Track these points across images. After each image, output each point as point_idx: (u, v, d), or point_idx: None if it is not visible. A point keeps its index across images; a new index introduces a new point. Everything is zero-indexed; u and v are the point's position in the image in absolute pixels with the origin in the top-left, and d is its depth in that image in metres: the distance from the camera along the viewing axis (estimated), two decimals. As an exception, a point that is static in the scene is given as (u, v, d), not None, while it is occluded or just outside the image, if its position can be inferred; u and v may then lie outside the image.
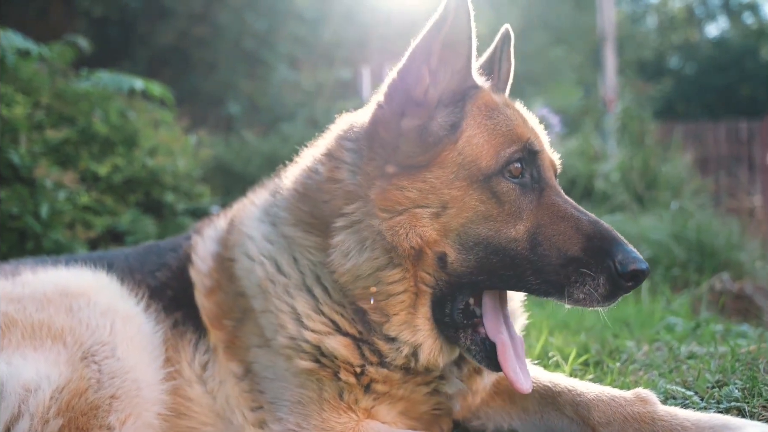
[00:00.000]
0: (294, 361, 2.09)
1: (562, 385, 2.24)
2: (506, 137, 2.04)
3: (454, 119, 2.05)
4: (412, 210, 1.98)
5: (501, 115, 2.09)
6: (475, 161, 1.99)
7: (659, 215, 6.96)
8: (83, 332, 2.13)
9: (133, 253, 2.68)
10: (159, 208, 6.28)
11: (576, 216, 1.99)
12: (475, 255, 1.97)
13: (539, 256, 1.94)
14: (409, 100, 2.07)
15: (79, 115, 5.73)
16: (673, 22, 39.77)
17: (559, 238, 1.95)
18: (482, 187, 1.98)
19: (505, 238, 1.96)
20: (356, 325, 2.08)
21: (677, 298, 5.10)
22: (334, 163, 2.16)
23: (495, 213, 1.97)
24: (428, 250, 1.98)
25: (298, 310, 2.11)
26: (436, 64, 2.06)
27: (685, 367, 2.77)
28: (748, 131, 17.41)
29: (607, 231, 1.95)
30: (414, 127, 2.04)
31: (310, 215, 2.16)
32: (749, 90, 32.24)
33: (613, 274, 1.87)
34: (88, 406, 1.98)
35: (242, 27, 14.17)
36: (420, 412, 2.17)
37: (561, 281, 1.92)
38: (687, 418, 1.93)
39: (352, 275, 2.03)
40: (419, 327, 2.03)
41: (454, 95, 2.09)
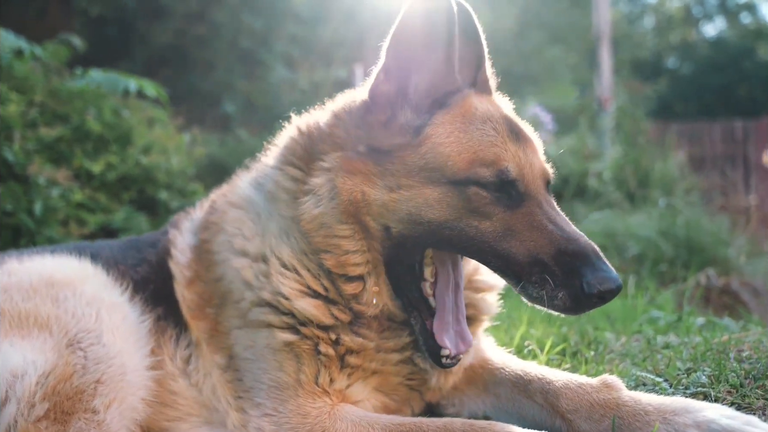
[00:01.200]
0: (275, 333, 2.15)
1: (533, 374, 2.30)
2: (478, 157, 2.04)
3: (418, 123, 2.10)
4: (369, 176, 2.09)
5: (478, 131, 2.08)
6: (440, 168, 2.04)
7: (648, 212, 7.03)
8: (69, 320, 2.17)
9: (115, 245, 2.72)
10: (153, 206, 6.34)
11: (550, 229, 1.99)
12: (424, 230, 2.05)
13: (505, 249, 1.99)
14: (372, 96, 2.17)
15: (73, 113, 5.80)
16: (670, 21, 39.82)
17: (531, 243, 1.98)
18: (446, 186, 2.03)
19: (466, 224, 2.02)
20: (327, 282, 2.17)
21: (663, 293, 5.17)
22: (337, 121, 2.25)
23: (459, 205, 2.02)
24: (370, 220, 2.09)
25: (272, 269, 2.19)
26: (395, 62, 2.11)
27: (659, 357, 2.83)
28: (743, 131, 17.45)
29: (581, 248, 1.94)
30: (379, 121, 2.14)
31: (303, 149, 2.26)
32: (747, 90, 32.32)
33: (578, 292, 1.90)
34: (73, 391, 2.03)
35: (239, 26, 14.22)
36: (393, 384, 2.24)
37: (521, 274, 1.97)
38: (650, 402, 1.99)
39: (318, 223, 2.13)
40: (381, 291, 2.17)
41: (425, 97, 2.13)
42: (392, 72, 2.12)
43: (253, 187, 2.41)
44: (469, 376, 2.45)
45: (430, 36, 2.07)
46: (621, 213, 7.30)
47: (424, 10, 2.04)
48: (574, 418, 2.10)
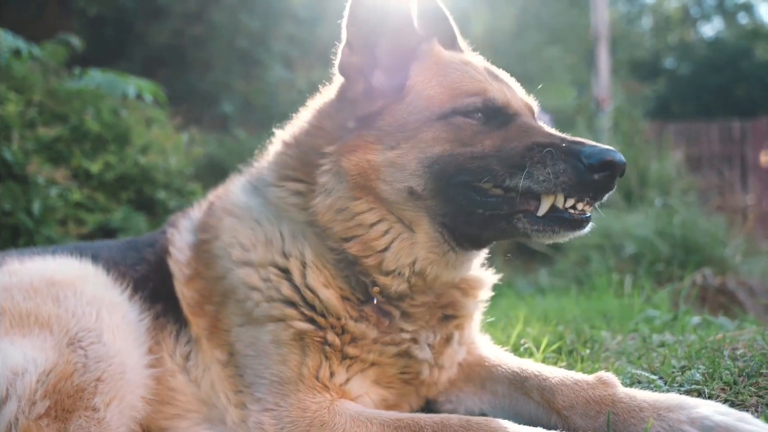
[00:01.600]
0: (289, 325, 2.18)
1: (530, 371, 2.33)
2: (462, 90, 2.17)
3: (400, 81, 2.23)
4: (369, 146, 2.16)
5: (457, 72, 2.23)
6: (428, 107, 2.16)
7: (645, 212, 7.05)
8: (70, 319, 2.19)
9: (115, 246, 2.76)
10: (151, 206, 6.35)
11: (546, 131, 2.11)
12: (439, 168, 2.10)
13: (506, 151, 2.06)
14: (341, 73, 2.30)
15: (72, 113, 5.81)
16: (668, 22, 39.88)
17: (527, 136, 2.07)
18: (439, 122, 2.14)
19: (469, 148, 2.10)
20: (339, 282, 2.22)
21: (659, 292, 5.19)
22: (321, 115, 2.36)
23: (456, 137, 2.11)
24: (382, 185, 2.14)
25: (291, 266, 2.24)
26: (356, 35, 2.25)
27: (655, 355, 2.85)
28: (740, 131, 17.51)
29: (576, 139, 2.04)
30: (358, 93, 2.25)
31: (297, 160, 2.32)
32: (744, 90, 32.35)
33: (578, 166, 1.95)
34: (74, 389, 2.05)
35: (237, 26, 14.21)
36: (390, 376, 2.28)
37: (523, 163, 2.01)
38: (645, 399, 2.02)
39: (333, 212, 2.19)
40: (417, 242, 2.18)
41: (395, 56, 2.26)
42: (355, 43, 2.26)
43: (249, 192, 2.45)
44: (465, 373, 2.48)
45: (383, 3, 2.22)
46: (618, 213, 7.32)
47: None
48: (570, 414, 2.13)
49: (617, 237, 6.49)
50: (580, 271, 6.45)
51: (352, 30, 2.25)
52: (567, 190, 1.98)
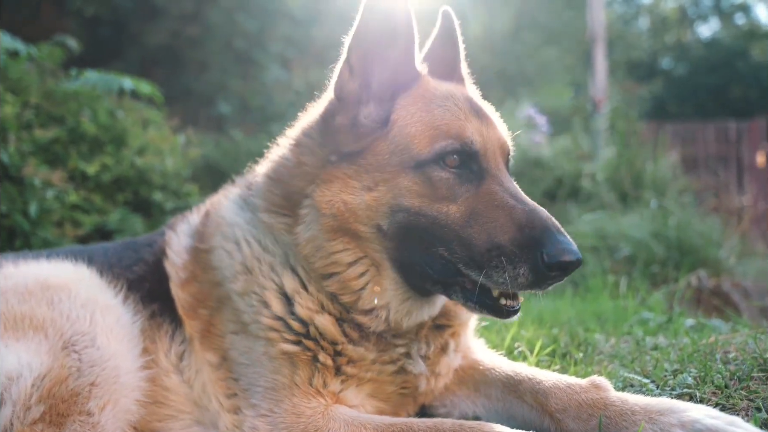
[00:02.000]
0: (276, 344, 2.19)
1: (523, 374, 2.35)
2: (442, 130, 2.12)
3: (385, 114, 2.17)
4: (345, 180, 2.13)
5: (439, 108, 2.18)
6: (408, 150, 2.11)
7: (641, 214, 7.07)
8: (64, 323, 2.20)
9: (111, 248, 2.77)
10: (147, 207, 6.35)
11: (512, 205, 2.05)
12: (405, 217, 2.09)
13: (468, 235, 2.03)
14: (335, 99, 2.23)
15: (68, 115, 5.81)
16: (665, 22, 39.93)
17: (492, 225, 2.02)
18: (415, 172, 2.09)
19: (437, 210, 2.07)
20: (336, 305, 2.21)
21: (654, 294, 5.21)
22: (300, 149, 2.30)
23: (428, 193, 2.08)
24: (359, 225, 2.11)
25: (287, 287, 2.23)
26: (358, 61, 2.18)
27: (648, 358, 2.87)
28: (736, 131, 17.55)
29: (541, 221, 2.00)
30: (345, 122, 2.18)
31: (281, 197, 2.29)
32: (741, 90, 32.42)
33: (538, 265, 1.93)
34: (68, 393, 2.06)
35: (233, 27, 14.20)
36: (387, 393, 2.29)
37: (483, 262, 2.00)
38: (636, 402, 2.04)
39: (312, 247, 2.18)
40: (386, 288, 2.18)
41: (388, 88, 2.21)
42: (356, 68, 2.19)
43: (240, 208, 2.45)
44: (460, 377, 2.49)
45: (390, 32, 2.15)
46: (613, 214, 7.34)
47: (384, 9, 2.13)
48: (562, 417, 2.15)
49: (612, 239, 6.51)
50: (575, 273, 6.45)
51: (357, 51, 2.18)
52: (522, 288, 1.99)
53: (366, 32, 2.15)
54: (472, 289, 2.06)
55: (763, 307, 4.88)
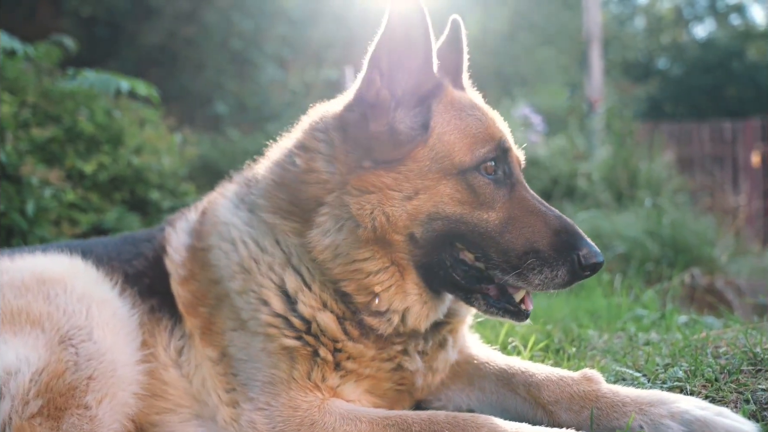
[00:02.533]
0: (276, 339, 2.20)
1: (517, 368, 2.37)
2: (479, 137, 2.18)
3: (423, 119, 2.18)
4: (385, 191, 2.12)
5: (470, 116, 2.23)
6: (449, 157, 2.14)
7: (635, 212, 7.11)
8: (60, 317, 2.21)
9: (110, 242, 2.77)
10: (144, 206, 6.37)
11: (544, 211, 2.16)
12: (443, 225, 2.13)
13: (506, 241, 2.11)
14: (366, 104, 2.19)
15: (65, 114, 5.83)
16: (660, 23, 40.02)
17: (529, 230, 2.12)
18: (457, 179, 2.13)
19: (477, 218, 2.13)
20: (339, 304, 2.22)
21: (647, 291, 5.24)
22: (310, 154, 2.27)
23: (469, 200, 2.13)
24: (395, 235, 2.12)
25: (288, 286, 2.23)
26: (387, 66, 2.17)
27: (640, 353, 2.90)
28: (731, 131, 17.62)
29: (571, 226, 2.13)
30: (382, 130, 2.16)
31: (288, 203, 2.28)
32: (736, 91, 32.50)
33: (575, 266, 2.06)
34: (66, 387, 2.07)
35: (230, 27, 14.23)
36: (384, 389, 2.31)
37: (520, 265, 2.08)
38: (627, 394, 2.07)
39: (331, 253, 2.17)
40: (408, 292, 2.19)
41: (416, 95, 2.21)
42: (386, 74, 2.18)
43: (236, 206, 2.45)
44: (455, 371, 2.51)
45: (410, 39, 2.16)
46: (608, 213, 7.37)
47: (404, 16, 2.13)
48: (555, 409, 2.17)
49: (607, 237, 6.55)
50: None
51: (386, 57, 2.17)
52: (556, 287, 2.10)
53: (393, 39, 2.15)
54: (495, 296, 2.17)
55: (755, 303, 4.91)
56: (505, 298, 2.17)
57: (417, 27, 2.14)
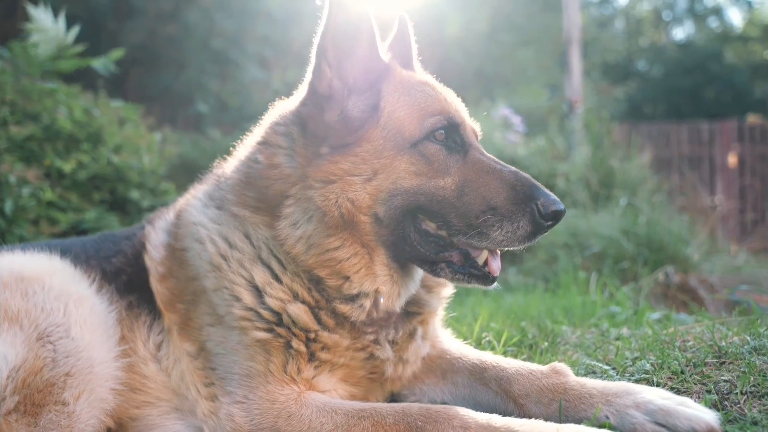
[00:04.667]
0: (249, 332, 2.25)
1: (488, 362, 2.44)
2: (427, 109, 2.29)
3: (373, 101, 2.29)
4: (345, 178, 2.21)
5: (419, 92, 2.34)
6: (400, 132, 2.24)
7: (611, 212, 7.21)
8: (38, 315, 2.23)
9: (89, 240, 2.81)
10: (124, 205, 6.34)
11: (499, 169, 2.25)
12: (403, 200, 2.21)
13: (464, 203, 2.20)
14: (319, 96, 2.29)
15: (44, 112, 5.80)
16: (640, 25, 40.42)
17: (485, 189, 2.21)
18: (410, 151, 2.23)
19: (434, 186, 2.21)
20: (312, 293, 2.28)
21: (622, 289, 5.33)
22: (271, 150, 2.37)
23: (425, 170, 2.22)
24: (361, 216, 2.21)
25: (257, 280, 2.29)
26: (334, 56, 2.27)
27: (611, 347, 2.97)
28: (709, 132, 17.86)
29: (527, 179, 2.22)
30: (336, 118, 2.26)
31: (255, 200, 2.35)
32: (714, 92, 32.92)
33: (535, 216, 2.14)
34: (43, 384, 2.11)
35: (212, 27, 14.18)
36: (358, 377, 2.37)
37: (481, 224, 2.16)
38: (594, 386, 2.13)
39: (304, 244, 2.24)
40: (378, 274, 2.28)
41: (366, 79, 2.31)
42: (334, 64, 2.28)
43: (206, 206, 2.50)
44: (428, 365, 2.56)
45: (353, 26, 2.26)
46: (585, 212, 7.46)
47: (345, 6, 2.22)
48: (525, 402, 2.24)
49: (583, 236, 6.63)
50: (547, 269, 6.58)
51: (332, 48, 2.27)
52: (520, 241, 2.17)
53: (336, 30, 2.24)
54: (459, 262, 2.25)
55: (727, 300, 5.01)
56: (468, 263, 2.25)
57: (358, 14, 2.24)
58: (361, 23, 2.26)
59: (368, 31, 2.28)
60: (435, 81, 2.52)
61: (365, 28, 2.27)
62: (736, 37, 37.90)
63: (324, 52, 2.27)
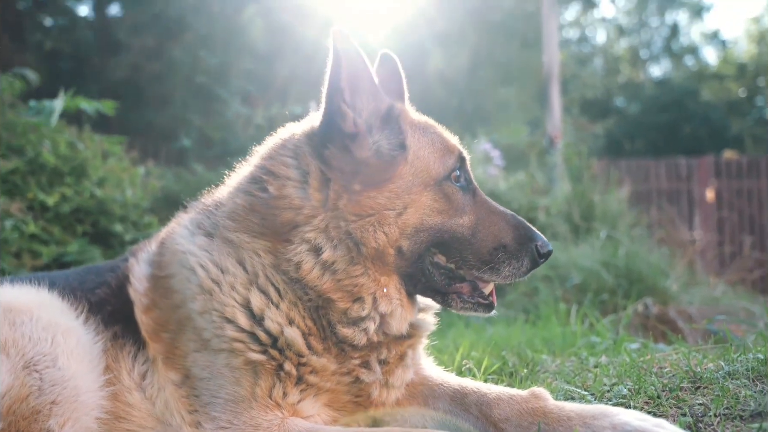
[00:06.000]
0: (241, 354, 2.27)
1: (469, 388, 2.48)
2: (444, 150, 2.45)
3: (400, 139, 2.40)
4: (383, 212, 2.31)
5: (432, 132, 2.49)
6: (426, 170, 2.37)
7: (591, 244, 7.31)
8: (26, 344, 2.25)
9: (73, 273, 2.83)
10: (107, 238, 6.36)
11: (502, 211, 2.48)
12: (428, 236, 2.35)
13: (478, 240, 2.38)
14: (345, 136, 2.35)
15: (28, 146, 5.84)
16: (618, 63, 41.23)
17: (495, 228, 2.41)
18: (434, 189, 2.37)
19: (455, 224, 2.37)
20: (306, 321, 2.32)
21: (602, 321, 5.40)
22: (280, 181, 2.39)
23: (446, 208, 2.37)
24: (389, 249, 2.31)
25: (253, 303, 2.31)
26: (350, 96, 2.36)
27: (589, 375, 3.02)
28: (687, 168, 18.18)
29: (524, 222, 2.45)
30: (369, 155, 2.35)
31: (260, 226, 2.38)
32: (691, 129, 33.52)
33: (534, 255, 2.40)
34: (29, 411, 2.12)
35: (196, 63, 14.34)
36: (343, 402, 2.39)
37: (492, 260, 2.36)
38: (572, 409, 2.18)
39: (322, 269, 2.30)
40: (392, 297, 2.37)
41: (378, 116, 2.41)
42: (350, 104, 2.36)
43: (193, 233, 2.52)
44: (410, 392, 2.60)
45: (357, 68, 2.35)
46: (565, 245, 7.56)
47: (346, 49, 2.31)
48: (505, 426, 2.28)
49: (564, 268, 6.73)
50: (528, 302, 6.65)
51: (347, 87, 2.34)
52: (521, 275, 2.42)
53: (346, 69, 2.32)
54: (468, 293, 2.43)
55: (704, 330, 5.09)
56: (477, 293, 2.43)
57: (358, 57, 2.34)
58: (362, 63, 2.35)
59: (368, 71, 2.37)
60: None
61: (365, 67, 2.36)
62: (712, 75, 38.73)
63: (341, 93, 2.34)
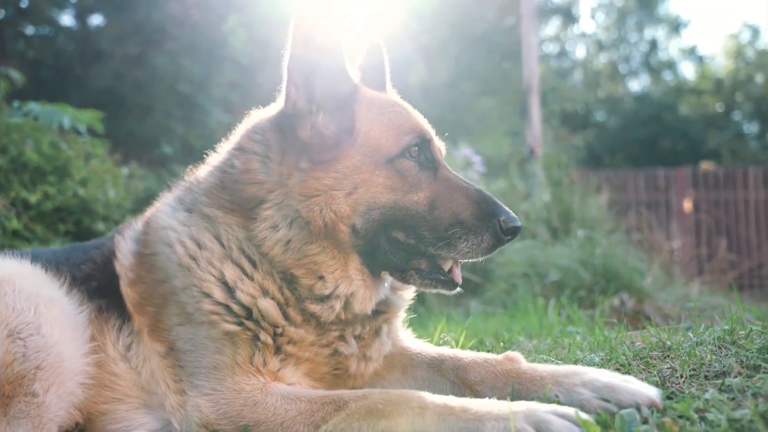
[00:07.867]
0: (218, 325, 2.34)
1: (446, 354, 2.57)
2: (402, 128, 2.46)
3: (348, 124, 2.43)
4: (330, 192, 2.35)
5: (392, 112, 2.51)
6: (377, 150, 2.40)
7: (569, 244, 7.43)
8: (9, 314, 2.30)
9: (59, 250, 2.90)
10: (89, 237, 6.36)
11: (465, 186, 2.45)
12: (381, 214, 2.37)
13: (434, 218, 2.38)
14: (288, 115, 2.44)
15: (11, 145, 5.86)
16: (597, 77, 41.78)
17: (453, 204, 2.39)
18: (387, 167, 2.39)
19: (409, 201, 2.38)
20: (283, 291, 2.39)
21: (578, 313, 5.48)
22: (247, 156, 2.49)
23: (400, 185, 2.38)
24: (342, 225, 2.35)
25: (227, 277, 2.39)
26: (301, 77, 2.42)
27: (564, 349, 3.10)
28: (665, 179, 18.48)
29: (490, 197, 2.43)
30: (309, 134, 2.41)
31: (230, 202, 2.47)
32: (669, 142, 34.00)
33: (497, 231, 2.34)
34: (14, 376, 2.17)
35: (178, 71, 14.38)
36: (322, 373, 2.47)
37: (449, 236, 2.34)
38: (545, 369, 2.27)
39: (283, 246, 2.37)
40: (352, 278, 2.41)
41: (335, 98, 2.45)
42: (300, 87, 2.42)
43: (175, 210, 2.60)
44: (389, 362, 2.67)
45: (320, 47, 2.41)
46: (544, 245, 7.67)
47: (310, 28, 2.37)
48: (480, 388, 2.36)
49: (542, 266, 6.83)
50: (507, 298, 6.74)
51: (297, 71, 2.41)
52: (483, 252, 2.37)
53: (302, 49, 2.39)
54: (427, 269, 2.43)
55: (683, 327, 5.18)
56: (435, 269, 2.43)
57: (325, 35, 2.39)
58: (329, 42, 2.40)
59: (336, 51, 2.43)
60: (403, 101, 2.69)
61: (332, 47, 2.41)
62: (690, 90, 39.38)
63: (291, 74, 2.41)
